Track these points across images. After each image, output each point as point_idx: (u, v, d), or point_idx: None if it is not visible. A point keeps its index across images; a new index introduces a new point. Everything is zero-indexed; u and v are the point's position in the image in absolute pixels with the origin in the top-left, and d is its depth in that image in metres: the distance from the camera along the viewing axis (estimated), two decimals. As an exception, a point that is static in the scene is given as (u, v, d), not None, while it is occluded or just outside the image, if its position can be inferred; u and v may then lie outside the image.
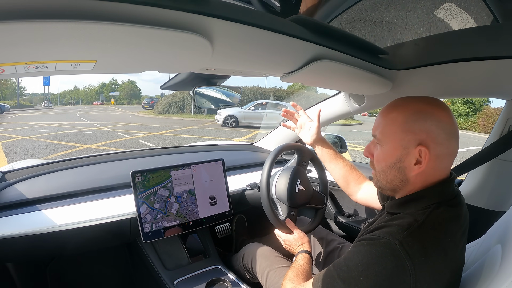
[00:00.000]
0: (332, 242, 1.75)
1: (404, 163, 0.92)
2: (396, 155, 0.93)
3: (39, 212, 1.41)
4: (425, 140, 0.88)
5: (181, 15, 0.63)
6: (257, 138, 2.74)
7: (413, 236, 0.84)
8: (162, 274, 1.57)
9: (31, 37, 0.55)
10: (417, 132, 0.89)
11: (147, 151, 2.15)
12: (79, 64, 0.72)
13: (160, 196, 1.57)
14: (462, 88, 1.40)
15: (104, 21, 0.55)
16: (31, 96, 79.37)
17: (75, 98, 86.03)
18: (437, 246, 0.87)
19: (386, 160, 0.96)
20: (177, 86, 1.53)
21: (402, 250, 0.82)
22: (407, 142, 0.90)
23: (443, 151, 0.90)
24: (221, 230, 1.98)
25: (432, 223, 0.87)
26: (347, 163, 1.57)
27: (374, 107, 1.84)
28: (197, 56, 0.84)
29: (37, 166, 1.70)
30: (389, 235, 0.85)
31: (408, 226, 0.86)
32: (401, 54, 1.35)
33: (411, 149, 0.90)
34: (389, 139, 0.94)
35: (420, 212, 0.89)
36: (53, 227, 1.35)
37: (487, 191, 1.62)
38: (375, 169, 1.02)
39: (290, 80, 1.21)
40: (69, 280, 1.87)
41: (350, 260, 0.90)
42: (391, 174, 0.96)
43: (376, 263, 0.84)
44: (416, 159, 0.90)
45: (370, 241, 0.88)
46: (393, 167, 0.95)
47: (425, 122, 0.88)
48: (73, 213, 1.43)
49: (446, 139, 0.89)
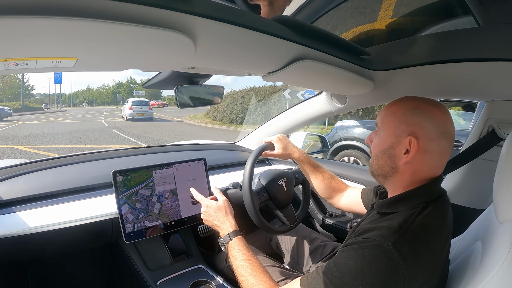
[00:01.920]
0: (315, 240, 1.77)
1: (395, 151, 0.99)
2: (389, 142, 1.00)
3: (19, 213, 1.38)
4: (416, 132, 0.94)
5: (164, 13, 0.63)
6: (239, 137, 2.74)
7: (404, 237, 0.86)
8: (145, 275, 1.55)
9: (11, 33, 0.54)
10: (411, 124, 0.96)
11: (128, 150, 2.13)
12: (60, 62, 0.71)
13: (142, 195, 1.56)
14: (442, 90, 1.43)
15: (85, 18, 0.55)
16: (43, 97, 73.99)
17: (89, 99, 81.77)
18: (426, 245, 0.89)
19: (380, 145, 1.03)
20: (160, 85, 1.52)
21: (395, 251, 0.83)
22: (400, 131, 0.97)
23: (432, 148, 0.94)
24: (204, 230, 1.97)
25: (421, 223, 0.90)
26: (327, 175, 1.62)
27: (355, 107, 1.86)
28: (179, 54, 0.84)
29: (17, 166, 1.67)
30: (381, 237, 0.86)
31: (399, 227, 0.88)
32: (383, 55, 1.37)
33: (403, 138, 0.96)
34: (386, 127, 1.02)
35: (409, 212, 0.92)
36: (34, 228, 1.32)
37: (467, 189, 1.65)
38: (371, 154, 1.09)
39: (273, 79, 1.22)
40: (51, 282, 1.84)
41: (342, 265, 0.89)
42: (383, 159, 1.03)
43: (370, 266, 0.84)
44: (406, 149, 0.96)
45: (362, 245, 0.88)
46: (385, 153, 1.02)
47: (419, 116, 0.95)
48: (53, 214, 1.41)
49: (437, 137, 0.94)
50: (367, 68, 1.33)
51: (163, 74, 1.44)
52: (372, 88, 1.48)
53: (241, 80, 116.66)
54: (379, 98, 1.66)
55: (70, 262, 1.86)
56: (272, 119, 2.39)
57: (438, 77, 1.31)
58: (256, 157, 1.58)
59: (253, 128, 2.63)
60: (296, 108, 2.21)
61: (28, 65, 0.70)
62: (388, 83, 1.46)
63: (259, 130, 2.51)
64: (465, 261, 1.03)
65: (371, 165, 1.09)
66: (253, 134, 2.58)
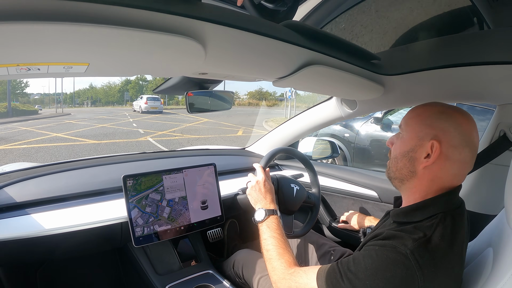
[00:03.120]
0: (324, 246, 1.75)
1: (416, 154, 0.96)
2: (411, 144, 0.98)
3: (29, 216, 1.39)
4: (440, 137, 0.92)
5: (174, 19, 0.63)
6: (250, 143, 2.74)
7: (424, 247, 0.85)
8: (153, 279, 1.56)
9: (24, 39, 0.54)
10: (435, 128, 0.93)
11: (138, 155, 2.14)
12: (71, 67, 0.72)
13: (152, 199, 1.56)
14: (453, 94, 1.42)
15: (97, 23, 0.55)
16: (42, 97, 67.90)
17: (92, 98, 74.36)
18: (445, 258, 0.88)
19: (402, 147, 1.01)
20: (170, 90, 1.52)
21: (413, 260, 0.83)
22: (423, 134, 0.95)
23: (455, 155, 0.92)
24: (213, 235, 1.97)
25: (440, 235, 0.88)
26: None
27: (366, 112, 1.86)
28: (190, 60, 0.84)
29: (28, 169, 1.68)
30: (401, 244, 0.86)
31: (419, 238, 0.87)
32: (393, 59, 1.36)
33: (425, 141, 0.94)
34: (410, 129, 1.00)
35: (428, 225, 0.91)
36: (44, 231, 1.33)
37: (478, 195, 1.63)
38: (390, 156, 1.07)
39: (283, 85, 1.21)
40: (59, 285, 1.85)
41: (359, 262, 0.90)
42: (402, 162, 1.00)
43: (385, 269, 0.84)
44: (428, 153, 0.94)
45: (382, 247, 0.88)
46: (405, 155, 0.99)
47: (445, 121, 0.93)
48: (63, 217, 1.42)
49: (461, 145, 0.92)
50: (377, 72, 1.32)
51: (174, 80, 1.45)
52: (382, 93, 1.47)
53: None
54: (389, 103, 1.65)
55: (79, 265, 1.87)
56: (282, 125, 2.38)
57: (449, 82, 1.30)
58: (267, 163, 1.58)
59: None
60: (306, 113, 2.20)
61: (40, 70, 0.70)
62: (399, 88, 1.45)
63: (270, 135, 2.51)
64: (476, 268, 1.01)
65: (389, 168, 1.07)
66: (264, 139, 2.57)
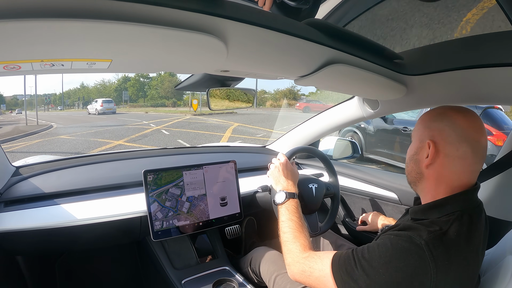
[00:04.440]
0: (341, 247, 1.74)
1: (419, 156, 1.02)
2: (415, 148, 1.04)
3: (51, 207, 1.43)
4: (435, 136, 0.98)
5: (196, 17, 0.63)
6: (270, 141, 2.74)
7: (439, 239, 0.86)
8: (170, 273, 1.57)
9: (48, 35, 0.55)
10: (432, 129, 0.99)
11: (159, 150, 2.16)
12: (94, 63, 0.73)
13: (172, 194, 1.58)
14: (478, 95, 1.38)
15: (120, 21, 0.56)
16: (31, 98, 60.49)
17: (84, 98, 65.36)
18: (460, 253, 0.88)
19: (409, 152, 1.08)
20: (192, 87, 1.53)
21: (427, 251, 0.84)
22: (423, 136, 1.01)
23: (452, 152, 0.95)
24: (231, 232, 1.98)
25: (456, 231, 0.89)
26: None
27: (388, 112, 1.83)
28: (212, 57, 0.84)
29: (51, 162, 1.72)
30: (417, 235, 0.87)
31: (434, 230, 0.88)
32: (416, 59, 1.34)
33: (425, 143, 1.00)
34: (415, 134, 1.07)
35: (444, 220, 0.91)
36: (64, 222, 1.37)
37: (500, 200, 1.59)
38: (407, 164, 1.11)
39: (304, 83, 1.21)
40: (77, 275, 1.89)
41: (373, 250, 0.92)
42: (410, 165, 1.07)
43: (399, 258, 0.85)
44: (427, 153, 0.98)
45: (397, 237, 0.90)
46: (411, 159, 1.06)
47: (441, 121, 0.98)
48: (84, 210, 1.45)
49: (457, 141, 0.94)
50: (400, 72, 1.30)
51: (196, 77, 1.46)
52: (405, 93, 1.45)
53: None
54: (412, 103, 1.62)
55: (97, 257, 1.91)
56: (303, 123, 2.37)
57: (474, 83, 1.26)
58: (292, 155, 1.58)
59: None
60: (327, 112, 2.18)
61: (64, 66, 0.71)
62: (421, 89, 1.43)
63: (290, 133, 2.50)
64: (495, 275, 0.99)
65: (406, 172, 1.10)
66: (284, 137, 2.57)
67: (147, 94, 60.19)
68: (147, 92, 60.54)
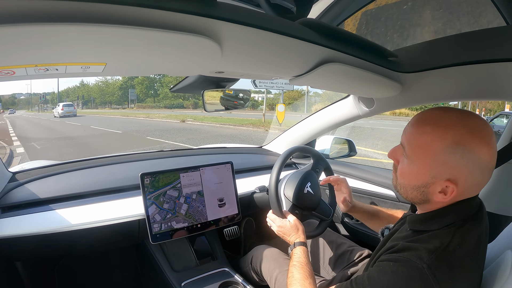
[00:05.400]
0: (342, 246, 1.75)
1: (429, 189, 0.88)
2: (422, 180, 0.88)
3: (49, 212, 1.42)
4: (456, 176, 0.83)
5: (190, 18, 0.63)
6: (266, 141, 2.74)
7: (440, 259, 0.82)
8: (170, 276, 1.57)
9: (42, 40, 0.55)
10: (451, 166, 0.82)
11: (156, 153, 2.16)
12: (89, 67, 0.73)
13: (170, 196, 1.59)
14: (472, 91, 1.38)
15: (114, 24, 0.56)
16: (29, 97, 60.15)
17: (84, 98, 62.00)
18: (463, 267, 0.84)
19: (411, 180, 0.91)
20: (187, 89, 1.53)
21: (430, 274, 0.80)
22: (437, 172, 0.85)
23: (472, 184, 0.85)
24: (230, 233, 1.98)
25: (458, 243, 0.84)
26: (383, 216, 1.54)
27: (383, 110, 1.83)
28: (206, 59, 0.84)
29: (48, 167, 1.72)
30: (417, 258, 0.82)
31: (435, 249, 0.83)
32: (411, 56, 1.34)
33: (439, 180, 0.85)
34: (419, 162, 0.88)
35: (446, 232, 0.86)
36: (62, 227, 1.36)
37: (498, 195, 1.59)
38: (397, 178, 0.97)
39: (299, 83, 1.21)
40: (77, 280, 1.89)
41: (374, 280, 0.88)
42: (412, 194, 0.93)
43: (403, 286, 0.83)
44: (442, 188, 0.86)
45: (397, 263, 0.85)
46: (416, 189, 0.91)
47: (462, 158, 0.81)
48: (82, 214, 1.45)
49: (480, 176, 0.84)
50: (395, 70, 1.30)
51: (190, 79, 1.46)
52: (400, 90, 1.45)
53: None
54: (407, 101, 1.63)
55: (96, 261, 1.90)
56: (299, 123, 2.37)
57: (468, 79, 1.27)
58: (284, 161, 1.57)
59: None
60: (323, 111, 2.18)
61: (58, 70, 0.71)
62: (417, 86, 1.43)
63: (286, 133, 2.50)
64: (494, 271, 0.99)
65: (397, 189, 0.99)
66: (281, 137, 2.57)
67: (158, 92, 54.62)
68: (158, 91, 54.82)
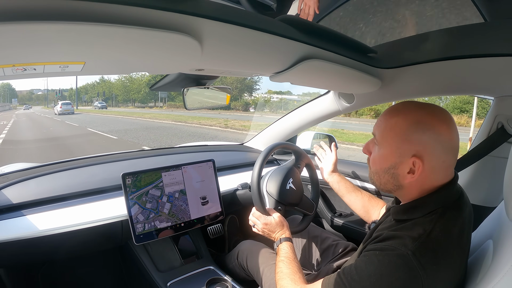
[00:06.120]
0: (327, 240, 1.77)
1: (398, 170, 0.94)
2: (391, 161, 0.94)
3: (30, 216, 1.39)
4: (421, 152, 0.89)
5: (170, 16, 0.63)
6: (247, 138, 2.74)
7: (424, 246, 0.85)
8: (155, 276, 1.56)
9: (18, 39, 0.54)
10: (414, 143, 0.90)
11: (137, 152, 2.14)
12: (67, 66, 0.72)
13: (152, 195, 1.57)
14: (451, 86, 1.41)
15: (92, 22, 0.55)
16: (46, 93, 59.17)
17: (104, 95, 57.86)
18: (446, 253, 0.87)
19: (382, 163, 0.97)
20: (167, 87, 1.53)
21: (415, 260, 0.82)
22: (403, 151, 0.91)
23: (438, 164, 0.91)
24: (213, 231, 1.97)
25: (440, 230, 0.88)
26: (365, 194, 1.64)
27: (363, 105, 1.85)
28: (186, 56, 0.84)
29: (27, 170, 1.68)
30: (402, 246, 0.85)
31: (418, 236, 0.86)
32: (390, 52, 1.36)
33: (406, 158, 0.91)
34: (387, 144, 0.95)
35: (428, 220, 0.90)
36: (44, 231, 1.34)
37: (478, 187, 1.63)
38: (370, 168, 1.03)
39: (280, 79, 1.21)
40: (62, 284, 1.86)
41: (361, 269, 0.90)
42: (385, 178, 0.98)
43: (389, 274, 0.84)
44: (410, 168, 0.91)
45: (383, 252, 0.88)
46: (387, 172, 0.96)
47: (423, 133, 0.89)
48: (64, 217, 1.42)
49: (443, 153, 0.90)
50: (374, 66, 1.32)
51: (171, 77, 1.45)
52: (379, 86, 1.47)
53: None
54: (387, 96, 1.65)
55: (80, 265, 1.88)
56: (280, 120, 2.38)
57: (446, 74, 1.29)
58: (265, 158, 1.58)
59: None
60: (303, 107, 2.20)
61: (36, 70, 0.70)
62: (396, 81, 1.45)
63: (267, 130, 2.51)
64: (477, 260, 1.01)
65: (372, 180, 1.05)
66: (261, 134, 2.57)
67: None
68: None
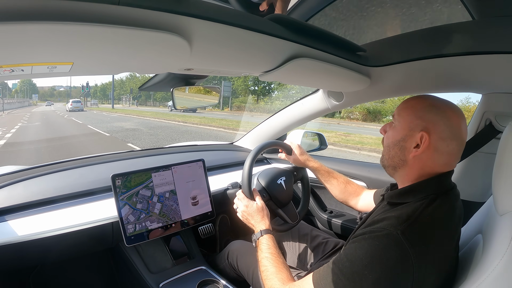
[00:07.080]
0: (317, 238, 1.77)
1: (406, 143, 1.01)
2: (402, 134, 1.03)
3: (18, 220, 1.37)
4: (429, 129, 0.97)
5: (158, 15, 0.63)
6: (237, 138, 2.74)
7: (413, 226, 0.88)
8: (147, 278, 1.55)
9: (5, 40, 0.54)
10: (425, 120, 0.98)
11: (127, 153, 2.12)
12: (55, 67, 0.71)
13: (143, 196, 1.56)
14: (439, 84, 1.43)
15: (80, 22, 0.54)
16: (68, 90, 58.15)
17: (133, 92, 54.27)
18: (434, 237, 0.90)
19: (394, 136, 1.06)
20: (156, 87, 1.51)
21: (404, 239, 0.85)
22: (414, 125, 1.00)
23: (443, 147, 0.97)
24: (205, 231, 1.97)
25: (429, 214, 0.92)
26: (342, 180, 1.68)
27: (352, 103, 1.86)
28: (175, 56, 0.83)
29: (15, 173, 1.66)
30: (390, 226, 0.89)
31: (407, 217, 0.90)
32: (378, 51, 1.37)
33: (415, 132, 0.99)
34: (402, 119, 1.04)
35: (418, 203, 0.95)
36: (34, 234, 1.32)
37: (467, 183, 1.65)
38: (383, 144, 1.12)
39: (269, 78, 1.22)
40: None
41: (352, 255, 0.91)
42: (393, 150, 1.06)
43: (380, 255, 0.86)
44: (417, 143, 0.99)
45: (372, 234, 0.90)
46: (396, 144, 1.05)
47: (435, 114, 0.97)
48: (54, 220, 1.40)
49: (449, 138, 0.96)
50: (363, 64, 1.33)
51: (159, 77, 1.44)
52: (368, 84, 1.48)
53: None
54: (376, 94, 1.66)
55: (72, 268, 1.86)
56: (269, 119, 2.38)
57: (434, 71, 1.31)
58: (255, 157, 1.58)
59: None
60: (293, 106, 2.20)
61: (24, 71, 0.69)
62: (385, 79, 1.46)
63: (257, 129, 2.51)
64: (467, 255, 1.03)
65: (383, 156, 1.12)
66: (251, 134, 2.58)
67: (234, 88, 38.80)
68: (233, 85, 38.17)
